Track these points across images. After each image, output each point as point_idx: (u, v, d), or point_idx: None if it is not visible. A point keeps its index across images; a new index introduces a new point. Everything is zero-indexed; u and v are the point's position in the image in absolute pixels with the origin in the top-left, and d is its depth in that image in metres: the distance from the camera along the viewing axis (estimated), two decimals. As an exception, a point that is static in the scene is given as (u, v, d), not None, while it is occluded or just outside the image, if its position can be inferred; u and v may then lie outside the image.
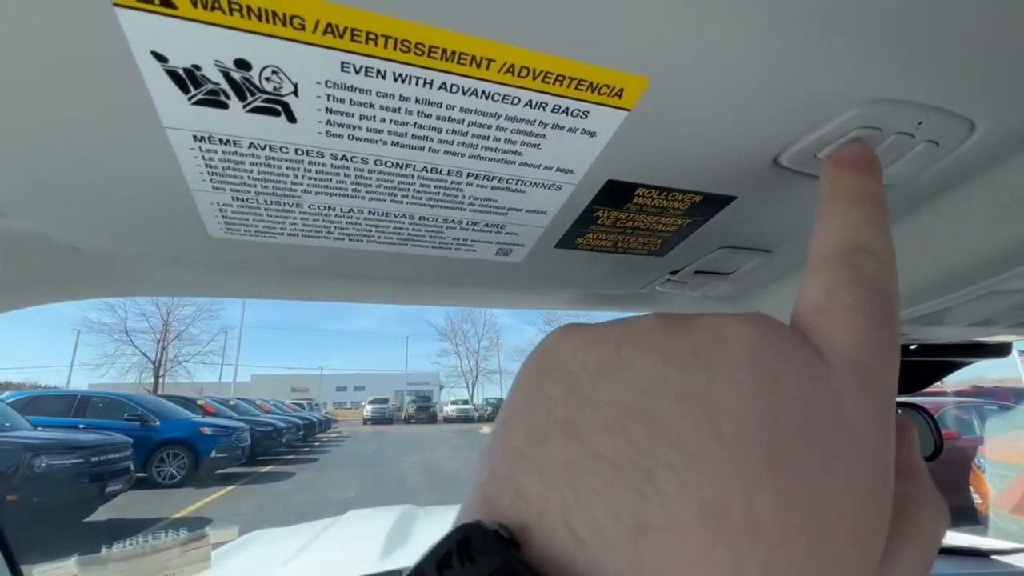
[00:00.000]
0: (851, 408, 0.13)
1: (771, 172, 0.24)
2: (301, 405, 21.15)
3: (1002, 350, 0.54)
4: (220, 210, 0.24)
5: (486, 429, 19.60)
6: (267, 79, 0.17)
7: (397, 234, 0.27)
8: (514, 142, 0.21)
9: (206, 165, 0.21)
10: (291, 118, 0.19)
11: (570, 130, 0.20)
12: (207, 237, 0.26)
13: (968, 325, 0.45)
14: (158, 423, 7.31)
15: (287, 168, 0.21)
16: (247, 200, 0.23)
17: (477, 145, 0.21)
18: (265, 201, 0.23)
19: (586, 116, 0.20)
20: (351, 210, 0.25)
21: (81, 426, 6.60)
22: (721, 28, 0.16)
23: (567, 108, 0.19)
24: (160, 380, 23.39)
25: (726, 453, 0.12)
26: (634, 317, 0.16)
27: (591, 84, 0.18)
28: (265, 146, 0.20)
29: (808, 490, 0.12)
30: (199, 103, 0.17)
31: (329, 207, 0.24)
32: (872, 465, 0.13)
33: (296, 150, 0.20)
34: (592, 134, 0.21)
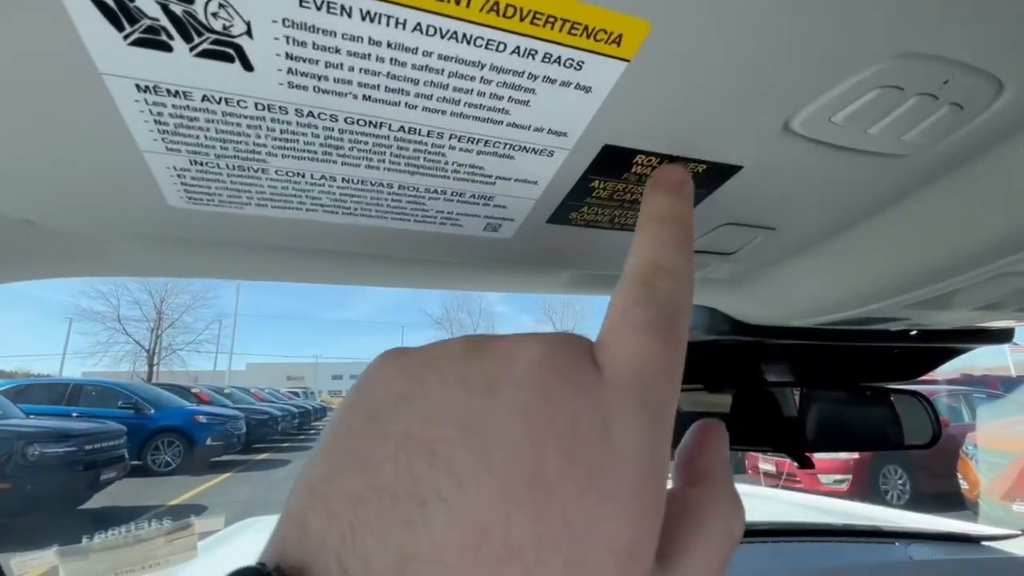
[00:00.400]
0: (618, 427, 0.13)
1: (781, 138, 0.22)
2: (296, 393, 21.16)
3: (1004, 335, 0.53)
4: (178, 175, 0.22)
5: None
6: (214, 14, 0.15)
7: (375, 205, 0.25)
8: (501, 98, 0.19)
9: (156, 122, 0.18)
10: (247, 65, 0.16)
11: (563, 84, 0.18)
12: (168, 208, 0.24)
13: (974, 309, 0.44)
14: (152, 411, 7.30)
15: (248, 127, 0.19)
16: (206, 164, 0.21)
17: (459, 101, 0.19)
18: (227, 165, 0.21)
19: (580, 67, 0.18)
20: (323, 177, 0.22)
21: (74, 414, 6.58)
22: None
23: (559, 57, 0.17)
24: (154, 368, 23.33)
25: (491, 477, 0.12)
26: (448, 340, 0.16)
27: (586, 28, 0.16)
28: (220, 99, 0.18)
29: (566, 510, 0.12)
30: (137, 43, 0.15)
31: (298, 173, 0.22)
32: (637, 482, 0.13)
33: (256, 104, 0.18)
34: (587, 89, 0.19)
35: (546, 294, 0.45)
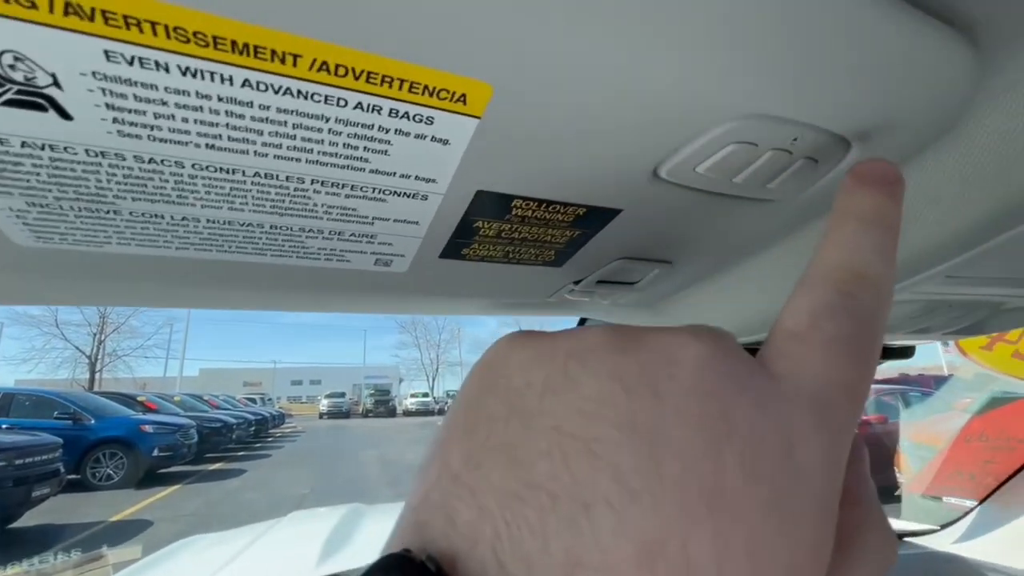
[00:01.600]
0: (803, 451, 0.12)
1: (653, 185, 0.23)
2: (253, 400, 20.41)
3: (905, 353, 0.56)
4: (17, 216, 0.20)
5: (446, 421, 19.46)
6: (11, 67, 0.14)
7: (251, 243, 0.24)
8: (355, 147, 0.18)
9: None
10: (64, 115, 0.16)
11: (418, 136, 0.18)
12: (17, 246, 0.22)
13: None
14: (93, 421, 6.87)
15: (84, 171, 0.18)
16: (47, 206, 0.20)
17: (312, 150, 0.18)
18: (72, 207, 0.20)
19: (432, 122, 0.18)
20: (184, 218, 0.22)
21: (4, 426, 6.13)
22: (572, 35, 0.14)
23: (407, 113, 0.17)
24: (97, 375, 22.00)
25: (666, 490, 0.11)
26: (585, 329, 0.15)
27: (426, 87, 0.16)
28: (44, 145, 0.17)
29: (747, 533, 0.11)
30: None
31: (155, 215, 0.21)
32: (817, 509, 0.12)
33: (87, 151, 0.17)
34: (445, 142, 0.19)
35: (460, 315, 0.45)
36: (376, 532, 1.30)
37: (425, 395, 27.45)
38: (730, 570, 0.11)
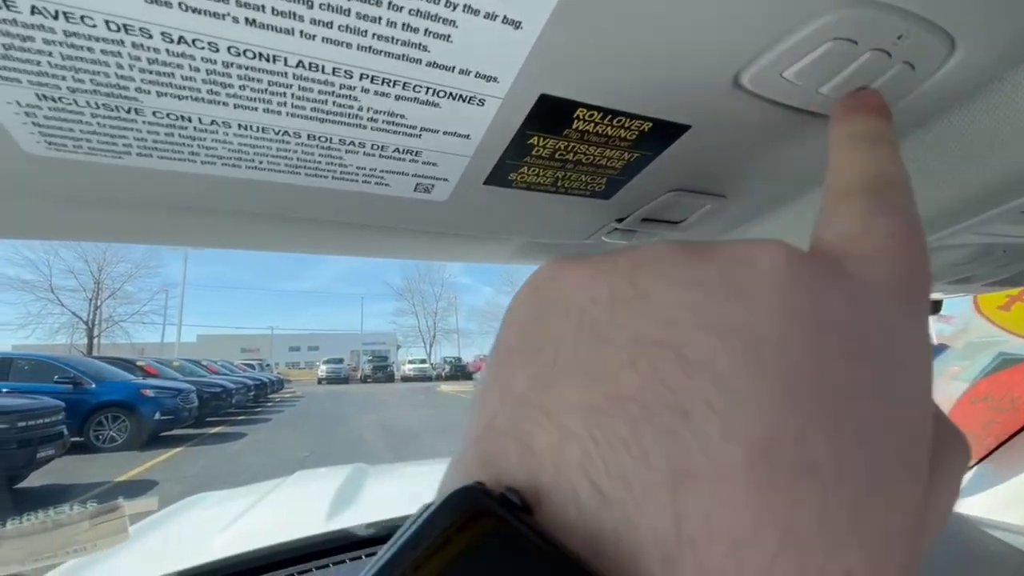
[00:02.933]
0: (900, 338, 0.12)
1: (730, 95, 0.20)
2: (251, 366, 20.58)
3: (935, 307, 0.55)
4: (25, 113, 0.18)
5: (444, 387, 19.82)
6: None
7: (283, 158, 0.22)
8: (416, 29, 0.16)
9: None
10: None
11: (488, 16, 0.16)
12: (24, 156, 0.20)
13: None
14: (94, 385, 6.93)
15: (103, 52, 0.16)
16: (60, 100, 0.17)
17: (366, 31, 0.16)
18: (88, 103, 0.18)
19: None
20: (213, 122, 0.19)
21: (4, 390, 6.17)
22: None
23: None
24: (95, 341, 22.07)
25: (772, 387, 0.11)
26: (641, 246, 0.14)
27: None
28: (57, 12, 0.14)
29: (859, 424, 0.11)
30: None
31: (182, 116, 0.19)
32: (919, 392, 0.12)
33: (109, 23, 0.15)
34: (516, 24, 0.16)
35: (488, 263, 0.43)
36: (381, 491, 1.32)
37: (423, 361, 27.77)
38: (848, 462, 0.10)
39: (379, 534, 0.86)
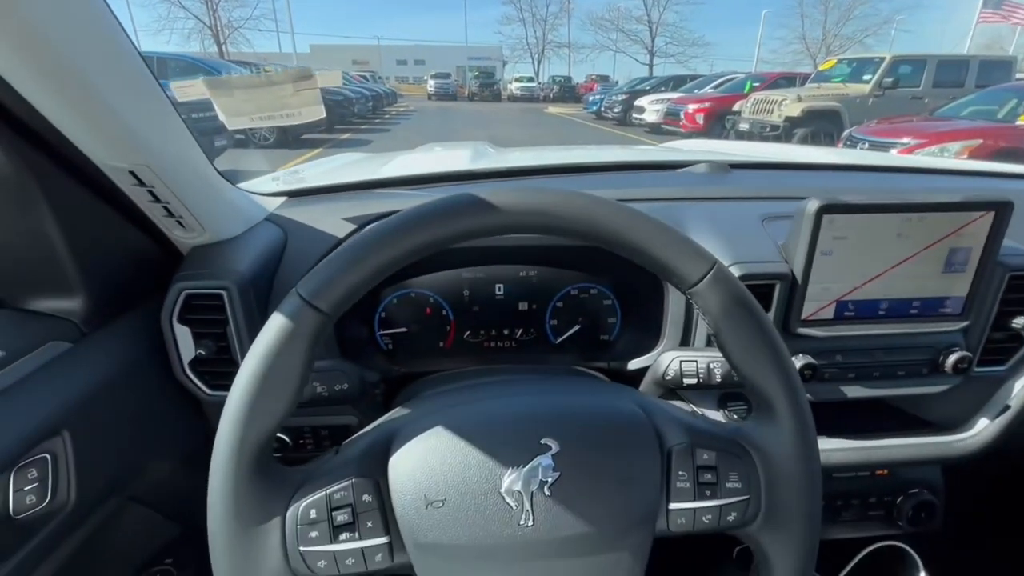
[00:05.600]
0: None
1: None
2: (365, 78, 20.80)
3: None
4: None
5: (552, 109, 19.01)
6: None
7: None
8: None
9: None
10: None
11: None
12: None
13: None
14: (237, 86, 7.53)
15: None
16: None
17: None
18: None
19: None
20: None
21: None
22: None
23: None
24: (223, 47, 23.09)
25: None
26: None
27: None
28: None
29: None
30: None
31: None
32: None
33: None
34: None
35: None
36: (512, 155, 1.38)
37: (530, 79, 26.19)
38: None
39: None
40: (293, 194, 0.81)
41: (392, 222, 0.33)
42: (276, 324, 0.31)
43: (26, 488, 0.42)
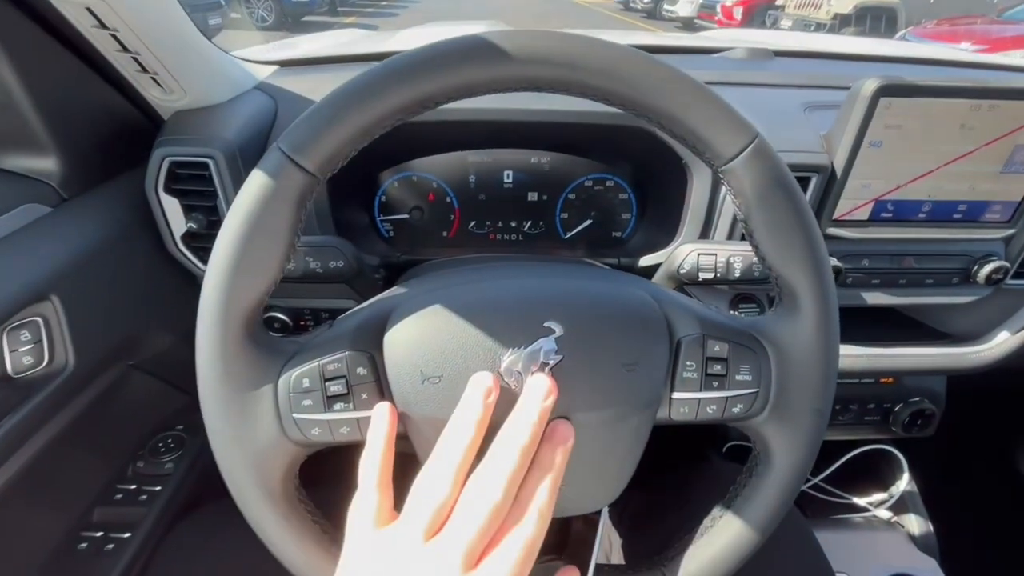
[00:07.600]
0: None
1: None
2: (370, -48, 18.75)
3: None
4: None
5: (575, -4, 17.27)
6: None
7: None
8: None
9: None
10: None
11: None
12: None
13: None
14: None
15: None
16: None
17: None
18: None
19: None
20: None
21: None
22: None
23: None
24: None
25: None
26: None
27: None
28: None
29: None
30: None
31: None
32: None
33: None
34: None
35: None
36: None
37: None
38: None
39: None
40: (286, 63, 0.74)
41: (389, 65, 0.28)
42: (257, 182, 0.28)
43: (21, 349, 0.42)
